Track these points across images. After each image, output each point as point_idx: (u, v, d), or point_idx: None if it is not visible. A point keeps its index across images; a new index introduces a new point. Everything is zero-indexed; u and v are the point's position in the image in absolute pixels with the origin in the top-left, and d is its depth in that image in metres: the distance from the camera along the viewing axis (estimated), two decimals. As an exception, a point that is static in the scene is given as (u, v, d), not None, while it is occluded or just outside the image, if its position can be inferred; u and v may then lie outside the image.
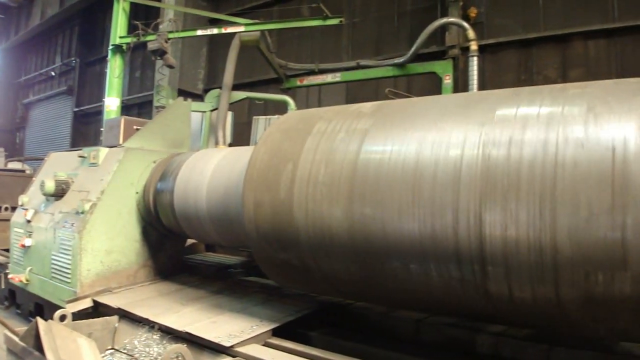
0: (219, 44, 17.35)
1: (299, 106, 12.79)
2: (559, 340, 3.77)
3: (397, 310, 4.52)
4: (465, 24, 11.22)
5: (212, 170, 5.03)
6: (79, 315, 4.83)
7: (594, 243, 2.58)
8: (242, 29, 11.76)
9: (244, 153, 4.83)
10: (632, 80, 2.95)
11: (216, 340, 3.86)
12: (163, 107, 12.84)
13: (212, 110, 12.00)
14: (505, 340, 3.91)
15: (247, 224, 4.10)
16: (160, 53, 12.00)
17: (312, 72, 13.06)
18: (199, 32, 12.72)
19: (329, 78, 12.60)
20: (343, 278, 3.78)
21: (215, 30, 12.43)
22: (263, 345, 3.95)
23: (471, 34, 10.99)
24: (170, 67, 12.62)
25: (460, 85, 11.40)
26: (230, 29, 11.95)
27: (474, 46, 10.90)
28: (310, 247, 3.74)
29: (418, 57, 11.65)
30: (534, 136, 2.86)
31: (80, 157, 6.03)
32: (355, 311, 4.72)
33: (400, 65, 11.56)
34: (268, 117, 12.90)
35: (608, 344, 3.73)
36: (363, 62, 12.39)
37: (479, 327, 4.08)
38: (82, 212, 5.30)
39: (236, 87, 12.56)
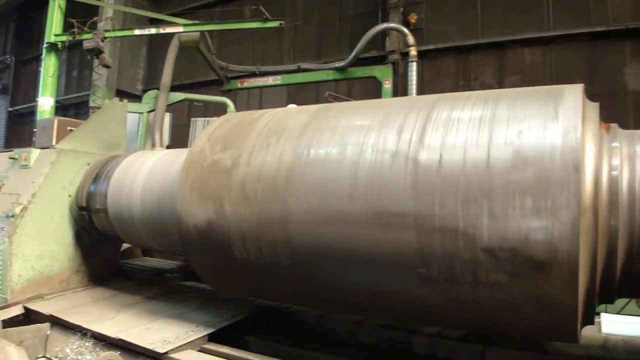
0: (159, 45, 17.04)
1: (240, 108, 12.73)
2: (493, 341, 3.86)
3: (335, 313, 4.53)
4: (405, 30, 11.40)
5: (146, 173, 4.92)
6: (9, 323, 4.64)
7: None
8: (180, 29, 11.61)
9: (180, 155, 4.74)
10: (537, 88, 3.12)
11: (150, 347, 3.78)
12: (98, 108, 12.52)
13: (149, 112, 11.79)
14: (441, 341, 3.97)
15: (181, 227, 4.03)
16: (96, 52, 11.70)
17: (253, 75, 13.04)
18: (137, 32, 12.50)
19: (270, 81, 12.61)
20: (279, 281, 3.76)
21: (153, 30, 12.23)
22: (199, 351, 3.89)
23: (411, 39, 11.17)
24: (107, 66, 12.35)
25: (400, 89, 11.55)
26: (168, 29, 11.78)
27: (413, 52, 11.09)
28: (246, 251, 3.70)
29: (359, 62, 11.75)
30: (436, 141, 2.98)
31: (11, 158, 5.82)
32: (293, 315, 4.71)
33: (340, 69, 11.64)
34: (206, 118, 12.78)
35: (541, 344, 3.83)
36: (304, 66, 12.41)
37: (414, 329, 4.13)
38: (13, 216, 5.10)
39: (176, 88, 12.41)
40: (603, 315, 4.65)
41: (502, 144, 2.78)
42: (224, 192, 3.75)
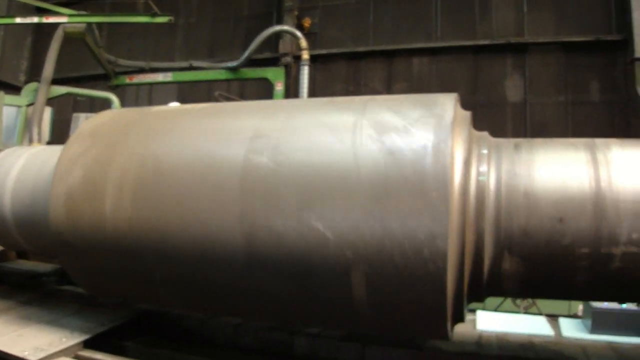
0: (46, 35, 16.19)
1: (128, 105, 12.41)
2: (372, 339, 3.96)
3: (217, 316, 4.49)
4: (299, 33, 11.49)
5: (18, 171, 4.64)
6: None
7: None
8: (65, 19, 11.07)
9: (55, 152, 4.49)
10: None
11: (21, 355, 3.60)
12: (-27, 99, 11.75)
13: (28, 105, 11.15)
14: (322, 341, 4.05)
15: (53, 228, 3.85)
16: (-27, 40, 10.99)
17: (142, 70, 12.66)
18: (18, 20, 11.80)
19: (160, 77, 12.27)
20: (156, 285, 3.66)
21: (35, 20, 11.61)
22: (73, 358, 3.75)
23: (303, 43, 11.27)
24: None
25: (292, 92, 11.62)
26: (52, 19, 11.20)
27: (305, 55, 11.18)
28: (120, 254, 3.57)
29: (252, 63, 11.71)
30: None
31: None
32: (174, 319, 4.62)
33: (233, 69, 11.55)
34: (88, 114, 12.27)
35: (418, 341, 3.97)
36: (196, 64, 12.21)
37: (296, 330, 4.18)
38: None
39: (61, 81, 11.84)
40: (479, 312, 4.90)
41: (373, 148, 2.86)
42: (97, 192, 3.61)
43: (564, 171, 2.90)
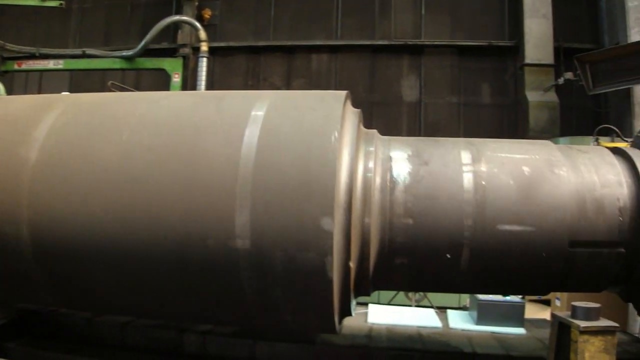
0: None
1: (17, 92, 11.75)
2: (262, 335, 3.95)
3: (104, 315, 4.30)
4: (198, 24, 11.32)
5: None
6: None
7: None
8: (-56, -2, 10.38)
9: None
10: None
11: None
12: None
13: None
14: (213, 338, 3.99)
15: None
16: None
17: (32, 57, 12.07)
18: None
19: (51, 64, 11.81)
20: (40, 284, 3.45)
21: None
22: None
23: (203, 34, 11.11)
24: None
25: (190, 84, 11.45)
26: None
27: (204, 47, 11.04)
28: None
29: (148, 52, 11.42)
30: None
31: None
32: (58, 318, 4.39)
33: (128, 58, 11.23)
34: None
35: (309, 336, 4.00)
36: (89, 51, 11.79)
37: (186, 327, 4.09)
38: None
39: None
40: (370, 306, 4.97)
41: (261, 144, 2.81)
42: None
43: (445, 169, 2.99)
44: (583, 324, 2.88)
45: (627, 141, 3.79)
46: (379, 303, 5.55)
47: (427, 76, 12.17)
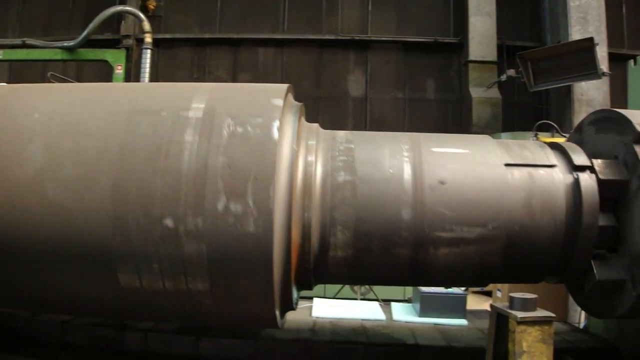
0: None
1: (-49, 83, 11.22)
2: (206, 332, 3.94)
3: (43, 314, 4.19)
4: (142, 15, 11.13)
5: None
6: None
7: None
8: None
9: None
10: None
11: None
12: None
13: None
14: (155, 335, 3.95)
15: None
16: None
17: (-31, 46, 11.60)
18: None
19: (-12, 54, 11.35)
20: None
21: None
22: None
23: (147, 26, 10.92)
24: None
25: (133, 76, 11.27)
26: None
27: (148, 38, 10.87)
28: None
29: (91, 43, 11.16)
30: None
31: None
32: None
33: (70, 49, 10.94)
34: None
35: (253, 331, 4.01)
36: (30, 41, 11.46)
37: (127, 325, 4.04)
38: None
39: None
40: (315, 300, 4.98)
41: (204, 140, 2.76)
42: None
43: (385, 162, 3.02)
44: (520, 314, 2.96)
45: (565, 136, 3.88)
46: (325, 297, 5.58)
47: (373, 71, 12.26)
